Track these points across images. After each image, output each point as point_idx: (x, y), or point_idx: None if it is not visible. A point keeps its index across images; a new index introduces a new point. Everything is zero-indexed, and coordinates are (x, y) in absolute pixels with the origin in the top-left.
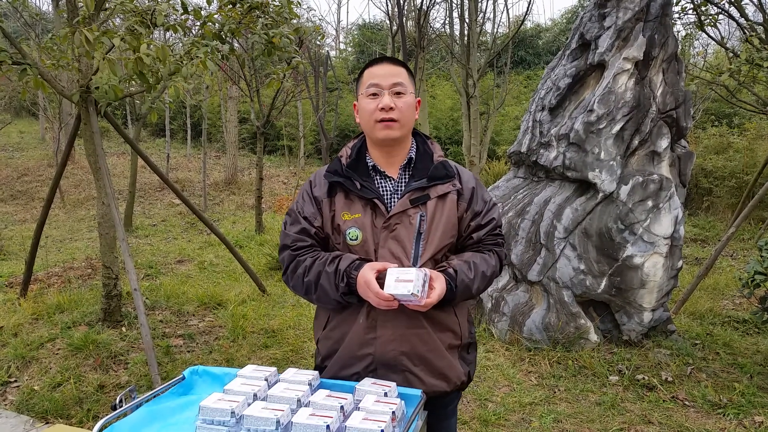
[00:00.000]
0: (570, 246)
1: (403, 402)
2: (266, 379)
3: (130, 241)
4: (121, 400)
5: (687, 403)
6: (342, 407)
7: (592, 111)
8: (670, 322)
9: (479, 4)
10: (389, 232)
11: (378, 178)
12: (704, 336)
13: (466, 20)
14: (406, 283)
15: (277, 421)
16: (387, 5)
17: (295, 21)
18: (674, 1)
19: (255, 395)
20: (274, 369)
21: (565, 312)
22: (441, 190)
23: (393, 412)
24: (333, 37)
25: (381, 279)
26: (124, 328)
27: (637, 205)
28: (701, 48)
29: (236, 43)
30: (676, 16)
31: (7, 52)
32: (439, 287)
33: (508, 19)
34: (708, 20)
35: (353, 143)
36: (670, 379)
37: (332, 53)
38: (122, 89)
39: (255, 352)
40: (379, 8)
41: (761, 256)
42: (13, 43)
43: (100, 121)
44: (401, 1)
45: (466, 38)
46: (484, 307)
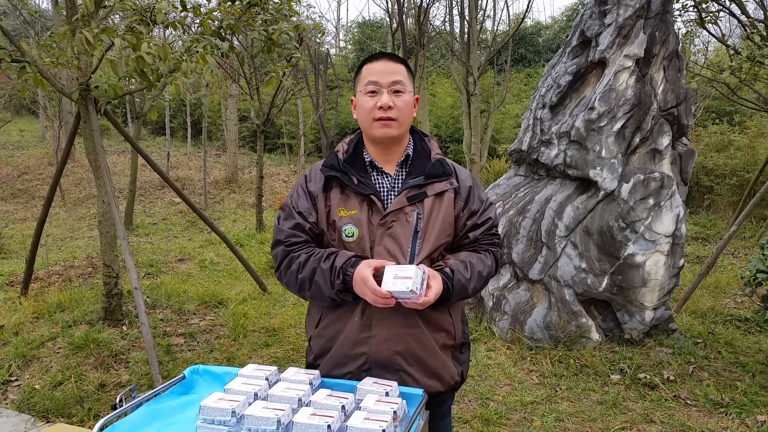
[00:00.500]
0: (571, 244)
1: (405, 401)
2: (267, 379)
3: (131, 240)
4: (122, 400)
5: (689, 402)
6: (343, 407)
7: (593, 109)
8: (672, 321)
9: (479, 2)
10: (386, 229)
11: (375, 174)
12: (706, 335)
13: (467, 18)
14: (405, 280)
15: (278, 421)
16: (387, 3)
17: (294, 18)
18: None
19: (256, 395)
20: (274, 368)
21: (566, 311)
22: (438, 188)
23: (394, 412)
24: (333, 35)
25: (377, 276)
26: (124, 327)
27: (638, 204)
28: (702, 45)
29: (236, 41)
30: (677, 13)
31: (6, 50)
32: (436, 286)
33: (509, 16)
34: (709, 17)
35: (350, 138)
36: (672, 378)
37: (332, 51)
38: (122, 87)
39: (256, 351)
40: (379, 6)
41: (763, 255)
42: (12, 41)
43: (100, 119)
44: None
45: (467, 36)
46: (485, 305)
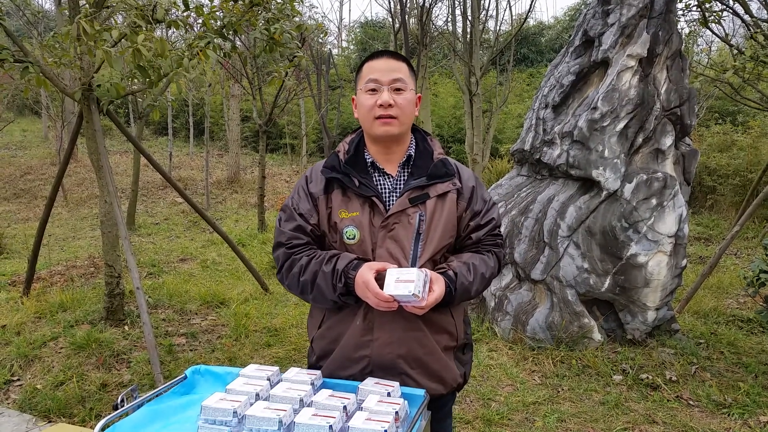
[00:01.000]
0: (574, 244)
1: (407, 402)
2: (268, 379)
3: (133, 240)
4: (123, 400)
5: (691, 403)
6: (345, 407)
7: (595, 109)
8: (674, 321)
9: (482, 2)
10: (387, 231)
11: (376, 175)
12: (708, 335)
13: (469, 18)
14: (407, 284)
15: (280, 421)
16: (389, 3)
17: (297, 18)
18: None
19: (257, 395)
20: (276, 368)
21: (568, 311)
22: (440, 189)
23: (396, 413)
24: (335, 34)
25: (379, 279)
26: (126, 327)
27: (641, 204)
28: (705, 45)
29: (238, 41)
30: (680, 12)
31: (9, 50)
32: (438, 290)
33: (511, 16)
34: (712, 17)
35: (351, 138)
36: (675, 379)
37: (334, 51)
38: (124, 87)
39: (257, 351)
40: (381, 6)
41: (766, 255)
42: (15, 41)
43: (103, 119)
44: None
45: (469, 36)
46: (487, 306)
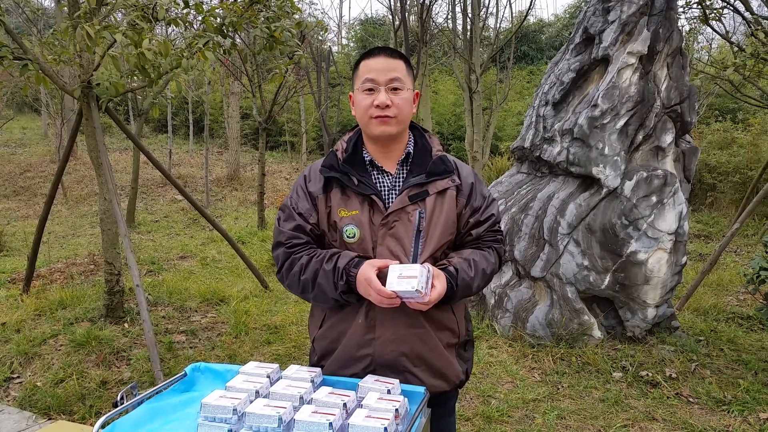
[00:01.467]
0: (574, 242)
1: (407, 399)
2: (268, 376)
3: (133, 237)
4: (123, 397)
5: (691, 400)
6: (345, 404)
7: (596, 106)
8: (674, 319)
9: None
10: (388, 229)
11: (375, 173)
12: (708, 332)
13: (469, 15)
14: (410, 280)
15: (280, 419)
16: (389, 0)
17: (297, 15)
18: None
19: (257, 392)
20: (276, 366)
21: (568, 308)
22: (440, 186)
23: (396, 410)
24: (335, 32)
25: (381, 277)
26: (126, 324)
27: (641, 201)
28: (706, 42)
29: (238, 38)
30: (681, 10)
31: (9, 48)
32: (440, 286)
33: (511, 13)
34: (713, 14)
35: (349, 136)
36: (674, 376)
37: (334, 48)
38: (124, 85)
39: (257, 349)
40: (381, 3)
41: (766, 252)
42: (14, 39)
43: (102, 116)
44: None
45: (469, 33)
46: (487, 303)
